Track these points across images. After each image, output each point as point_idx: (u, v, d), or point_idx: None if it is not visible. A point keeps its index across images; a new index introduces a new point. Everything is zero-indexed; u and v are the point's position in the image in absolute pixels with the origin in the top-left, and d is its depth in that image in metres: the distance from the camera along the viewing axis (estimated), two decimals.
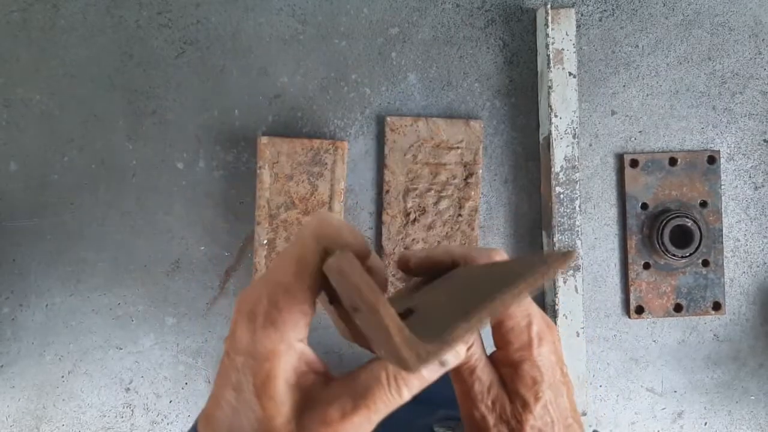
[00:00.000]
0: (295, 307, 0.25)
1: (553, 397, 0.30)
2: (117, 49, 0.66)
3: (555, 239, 0.62)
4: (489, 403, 0.30)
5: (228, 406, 0.26)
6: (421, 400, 0.53)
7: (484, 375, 0.30)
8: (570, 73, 0.62)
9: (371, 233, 0.66)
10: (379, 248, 0.66)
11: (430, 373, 0.27)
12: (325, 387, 0.26)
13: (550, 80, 0.62)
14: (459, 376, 0.31)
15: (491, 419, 0.30)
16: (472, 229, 0.65)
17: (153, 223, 0.66)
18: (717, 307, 0.66)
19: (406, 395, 0.26)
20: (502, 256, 0.31)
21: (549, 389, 0.30)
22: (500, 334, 0.30)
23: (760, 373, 0.68)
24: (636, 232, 0.66)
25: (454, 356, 0.26)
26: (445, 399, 0.52)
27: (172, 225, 0.66)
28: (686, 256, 0.64)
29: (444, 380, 0.58)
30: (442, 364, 0.26)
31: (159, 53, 0.66)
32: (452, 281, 0.29)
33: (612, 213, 0.67)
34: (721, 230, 0.66)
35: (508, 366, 0.30)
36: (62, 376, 0.66)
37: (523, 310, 0.30)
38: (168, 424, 0.67)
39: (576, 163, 0.62)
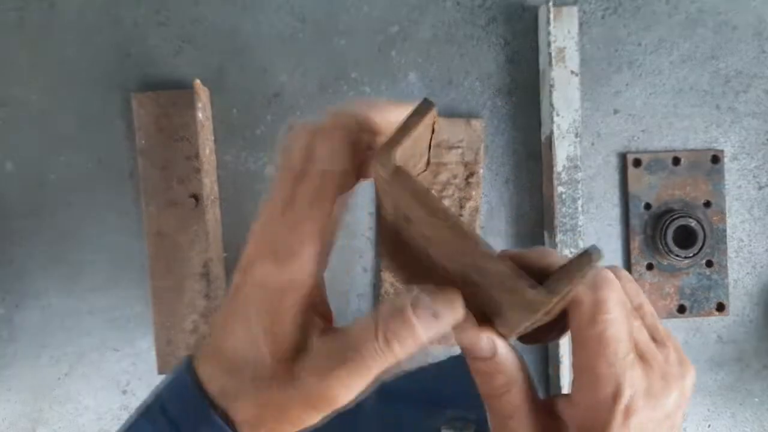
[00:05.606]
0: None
1: None
2: (114, 48, 0.65)
3: (557, 239, 0.61)
4: None
5: (235, 339, 0.25)
6: (428, 400, 0.52)
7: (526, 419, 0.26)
8: (572, 72, 0.62)
9: (371, 233, 0.66)
10: (380, 248, 0.65)
11: (426, 331, 0.24)
12: (322, 335, 0.25)
13: (552, 79, 0.61)
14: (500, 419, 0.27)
15: None
16: (473, 230, 0.65)
17: None
18: (721, 308, 0.66)
19: (398, 351, 0.24)
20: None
21: None
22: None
23: (763, 375, 0.67)
24: (639, 232, 0.66)
25: (452, 313, 0.24)
26: (453, 398, 0.52)
27: None
28: (690, 257, 0.63)
29: (452, 378, 0.57)
30: (435, 315, 0.24)
31: (157, 52, 0.65)
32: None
33: (615, 213, 0.66)
34: (725, 230, 0.66)
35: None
36: (58, 378, 0.66)
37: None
38: None
39: (578, 163, 0.61)
